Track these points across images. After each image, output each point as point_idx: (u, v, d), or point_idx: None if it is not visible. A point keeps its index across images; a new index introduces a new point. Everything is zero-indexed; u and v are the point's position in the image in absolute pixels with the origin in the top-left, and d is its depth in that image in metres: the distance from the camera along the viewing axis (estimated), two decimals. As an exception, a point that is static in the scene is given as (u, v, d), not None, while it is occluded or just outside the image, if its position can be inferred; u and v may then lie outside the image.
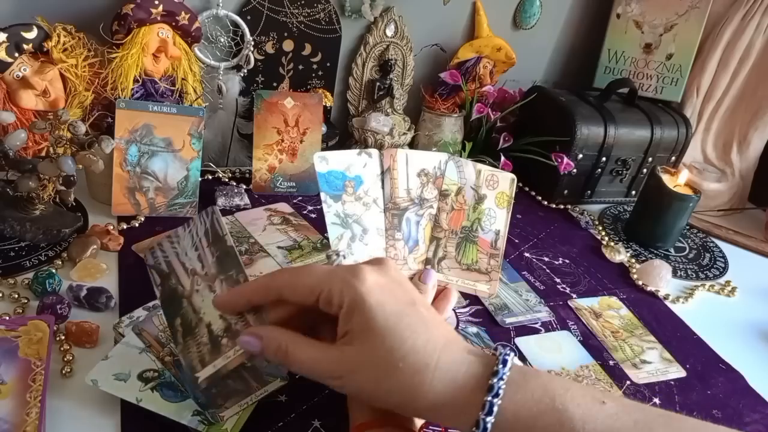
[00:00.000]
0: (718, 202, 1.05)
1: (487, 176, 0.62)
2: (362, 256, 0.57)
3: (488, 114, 0.98)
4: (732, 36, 1.02)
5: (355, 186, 0.58)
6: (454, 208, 0.61)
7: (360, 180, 0.59)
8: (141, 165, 0.74)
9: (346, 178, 0.58)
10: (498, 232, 0.62)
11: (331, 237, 0.57)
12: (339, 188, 0.58)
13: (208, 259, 0.50)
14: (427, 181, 0.60)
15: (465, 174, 0.62)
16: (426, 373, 0.38)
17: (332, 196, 0.57)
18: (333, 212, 0.57)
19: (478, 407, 0.37)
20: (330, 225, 0.57)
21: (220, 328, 0.47)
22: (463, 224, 0.61)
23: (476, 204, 0.62)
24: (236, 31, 0.87)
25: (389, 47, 0.96)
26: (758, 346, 0.75)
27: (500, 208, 0.62)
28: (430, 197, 0.60)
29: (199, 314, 0.48)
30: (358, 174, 0.58)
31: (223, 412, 0.49)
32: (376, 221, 0.58)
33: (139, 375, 0.50)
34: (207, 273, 0.49)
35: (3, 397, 0.45)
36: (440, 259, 0.61)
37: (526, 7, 1.05)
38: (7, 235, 0.67)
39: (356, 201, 0.58)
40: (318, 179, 0.57)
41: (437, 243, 0.61)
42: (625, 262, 0.86)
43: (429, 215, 0.60)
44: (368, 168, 0.59)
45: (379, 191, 0.59)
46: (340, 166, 0.58)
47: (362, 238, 0.57)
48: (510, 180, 0.64)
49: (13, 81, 0.69)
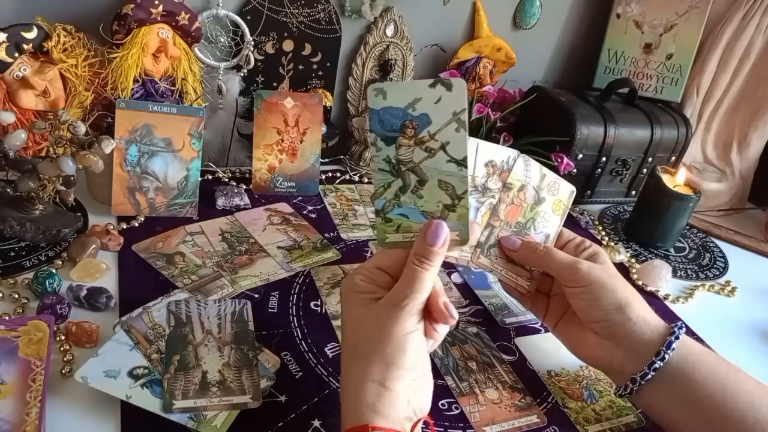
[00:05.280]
0: (718, 202, 1.05)
1: (550, 181, 0.63)
2: (412, 211, 0.50)
3: (488, 114, 0.98)
4: (732, 36, 1.02)
5: (418, 127, 0.49)
6: (514, 203, 0.61)
7: (426, 119, 0.49)
8: (141, 165, 0.74)
9: (408, 117, 0.49)
10: (548, 236, 0.63)
11: (376, 185, 0.50)
12: (395, 129, 0.49)
13: (227, 329, 0.57)
14: (493, 172, 0.60)
15: (530, 174, 0.62)
16: (633, 306, 0.55)
17: (384, 138, 0.49)
18: (383, 157, 0.50)
19: (664, 336, 0.54)
20: (377, 171, 0.50)
21: (215, 379, 0.52)
22: (518, 219, 0.62)
23: (534, 204, 0.62)
24: (236, 31, 0.86)
25: (389, 47, 0.96)
26: (758, 346, 0.75)
27: (555, 215, 0.63)
28: (493, 188, 0.60)
29: (200, 362, 0.53)
30: (425, 112, 0.49)
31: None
32: (444, 170, 0.50)
33: (129, 372, 0.51)
34: (221, 338, 0.56)
35: (3, 397, 0.45)
36: (490, 246, 0.61)
37: (526, 7, 1.04)
38: (7, 235, 0.67)
39: (417, 145, 0.49)
40: (370, 117, 0.49)
41: (491, 230, 0.61)
42: (625, 262, 0.86)
43: (489, 204, 0.60)
44: (442, 104, 0.48)
45: (453, 134, 0.49)
46: (402, 101, 0.49)
47: (417, 190, 0.50)
48: (570, 191, 0.64)
49: (13, 81, 0.69)
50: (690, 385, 0.52)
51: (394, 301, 0.47)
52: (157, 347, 0.53)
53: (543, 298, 0.64)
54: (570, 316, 0.60)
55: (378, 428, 0.43)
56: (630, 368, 0.54)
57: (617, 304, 0.55)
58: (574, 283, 0.57)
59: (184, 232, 0.74)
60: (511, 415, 0.57)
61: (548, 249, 0.60)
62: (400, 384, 0.45)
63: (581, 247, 0.61)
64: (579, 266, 0.56)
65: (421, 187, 0.50)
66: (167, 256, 0.69)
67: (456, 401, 0.57)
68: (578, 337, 0.59)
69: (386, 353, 0.46)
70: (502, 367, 0.62)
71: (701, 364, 0.53)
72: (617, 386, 0.56)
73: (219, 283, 0.66)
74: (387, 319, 0.46)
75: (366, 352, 0.46)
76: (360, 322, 0.48)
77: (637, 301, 0.56)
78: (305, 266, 0.72)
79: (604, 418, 0.59)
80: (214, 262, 0.69)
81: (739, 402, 0.51)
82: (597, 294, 0.55)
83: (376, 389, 0.45)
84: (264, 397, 0.51)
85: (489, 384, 0.60)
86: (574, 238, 0.63)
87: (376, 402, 0.44)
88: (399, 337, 0.46)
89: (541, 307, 0.64)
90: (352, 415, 0.45)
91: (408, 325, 0.46)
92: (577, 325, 0.59)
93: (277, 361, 0.56)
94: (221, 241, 0.73)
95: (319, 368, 0.58)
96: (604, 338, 0.56)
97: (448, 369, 0.61)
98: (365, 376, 0.45)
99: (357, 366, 0.46)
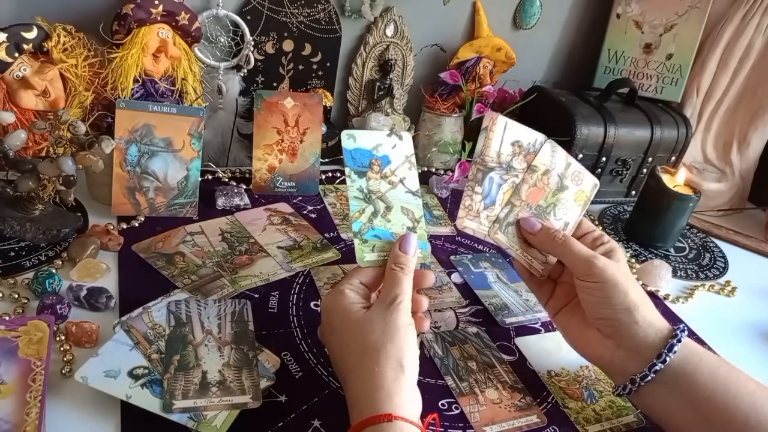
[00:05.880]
0: (718, 202, 1.05)
1: (574, 171, 0.64)
2: (383, 233, 0.58)
3: (488, 114, 0.98)
4: (732, 36, 1.02)
5: (381, 164, 0.59)
6: (537, 185, 0.62)
7: (387, 160, 0.59)
8: (141, 165, 0.74)
9: (373, 156, 0.59)
10: (567, 224, 0.63)
11: (352, 210, 0.57)
12: (365, 165, 0.58)
13: (227, 329, 0.58)
14: (519, 152, 0.61)
15: (556, 160, 0.63)
16: (641, 310, 0.55)
17: (357, 172, 0.58)
18: (356, 187, 0.57)
19: (666, 338, 0.54)
20: (352, 198, 0.57)
21: (215, 379, 0.52)
22: (539, 203, 0.62)
23: (557, 190, 0.63)
24: (236, 31, 0.87)
25: (389, 47, 0.96)
26: (758, 346, 0.75)
27: (576, 205, 0.64)
28: (518, 167, 0.61)
29: (200, 362, 0.53)
30: (385, 154, 0.59)
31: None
32: (403, 200, 0.59)
33: (129, 372, 0.51)
34: (221, 338, 0.56)
35: (3, 397, 0.45)
36: (509, 224, 0.61)
37: (526, 7, 1.05)
38: (7, 235, 0.67)
39: (382, 179, 0.58)
40: (344, 155, 0.57)
41: (511, 208, 0.61)
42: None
43: (512, 182, 0.61)
44: (397, 149, 0.60)
45: (408, 172, 0.60)
46: (367, 144, 0.58)
47: (385, 215, 0.58)
48: (593, 184, 0.65)
49: (13, 81, 0.69)
50: (691, 387, 0.52)
51: (390, 301, 0.51)
52: (157, 347, 0.53)
53: (549, 283, 0.64)
54: (573, 308, 0.60)
55: (400, 418, 0.44)
56: (630, 368, 0.54)
57: (627, 305, 0.55)
58: (587, 277, 0.56)
59: (184, 232, 0.74)
60: (511, 415, 0.57)
61: (567, 238, 0.59)
62: (412, 369, 0.49)
63: (599, 241, 0.61)
64: (595, 261, 0.56)
65: (389, 212, 0.58)
66: (167, 256, 0.69)
67: (456, 401, 0.57)
68: (579, 331, 0.59)
69: (398, 340, 0.49)
70: (502, 367, 0.62)
71: (703, 366, 0.53)
72: (616, 385, 0.56)
73: (219, 283, 0.66)
74: (390, 315, 0.50)
75: (380, 343, 0.49)
76: (365, 323, 0.51)
77: (646, 304, 0.56)
78: (305, 266, 0.72)
79: (604, 418, 0.59)
80: (214, 262, 0.69)
81: (741, 403, 0.50)
82: (609, 292, 0.55)
83: (395, 376, 0.47)
84: (264, 397, 0.51)
85: (489, 384, 0.60)
86: (593, 230, 0.63)
87: (396, 389, 0.46)
88: (403, 327, 0.50)
89: (546, 291, 0.63)
90: (366, 402, 0.46)
91: (406, 319, 0.51)
92: (580, 318, 0.59)
93: (277, 361, 0.56)
94: (221, 241, 0.73)
95: (319, 368, 0.58)
96: (607, 337, 0.56)
97: (448, 369, 0.61)
98: (383, 364, 0.47)
99: (371, 357, 0.48)
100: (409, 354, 0.49)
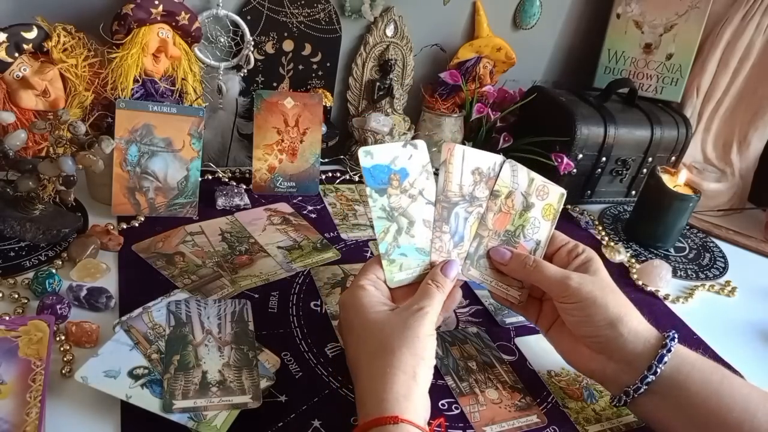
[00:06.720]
0: (718, 202, 1.05)
1: (538, 186, 0.63)
2: (409, 249, 0.58)
3: (488, 114, 0.98)
4: (732, 36, 1.02)
5: (400, 178, 0.58)
6: (502, 210, 0.61)
7: (405, 172, 0.58)
8: (141, 165, 0.74)
9: (392, 171, 0.58)
10: (539, 242, 0.62)
11: (377, 231, 0.57)
12: (384, 182, 0.57)
13: (227, 329, 0.58)
14: (480, 180, 0.61)
15: (518, 179, 0.62)
16: (625, 322, 0.54)
17: (377, 190, 0.57)
18: (379, 206, 0.57)
19: (656, 348, 0.53)
20: (376, 219, 0.57)
21: (215, 379, 0.52)
22: (507, 228, 0.61)
23: (523, 211, 0.62)
24: (236, 31, 0.87)
25: (389, 47, 0.96)
26: (758, 346, 0.75)
27: (545, 220, 0.63)
28: (481, 196, 0.61)
29: (200, 362, 0.53)
30: (403, 167, 0.58)
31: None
32: (423, 212, 0.59)
33: (129, 372, 0.51)
34: (221, 338, 0.56)
35: (3, 397, 0.45)
36: (480, 257, 0.61)
37: (526, 7, 1.04)
38: (7, 235, 0.67)
39: (402, 193, 0.58)
40: (363, 174, 0.57)
41: (480, 240, 0.61)
42: (625, 262, 0.86)
43: (477, 213, 0.61)
44: (413, 160, 0.59)
45: (425, 182, 0.59)
46: (385, 159, 0.58)
47: (408, 230, 0.58)
48: (560, 194, 0.64)
49: (13, 81, 0.69)
50: (684, 395, 0.52)
51: (417, 308, 0.52)
52: (157, 347, 0.53)
53: (535, 303, 0.63)
54: (562, 324, 0.59)
55: (406, 421, 0.44)
56: (624, 379, 0.54)
57: (609, 320, 0.54)
58: (564, 299, 0.56)
59: (184, 232, 0.74)
60: (511, 415, 0.57)
61: (538, 263, 0.58)
62: (425, 379, 0.48)
63: (574, 252, 0.60)
64: (569, 282, 0.55)
65: (411, 227, 0.58)
66: (167, 256, 0.69)
67: (456, 401, 0.57)
68: (570, 347, 0.59)
69: (416, 348, 0.49)
70: (502, 367, 0.62)
71: (695, 373, 0.53)
72: (611, 396, 0.56)
73: (219, 283, 0.66)
74: (413, 321, 0.50)
75: (396, 345, 0.49)
76: (385, 324, 0.51)
77: (630, 314, 0.55)
78: (305, 266, 0.72)
79: (604, 418, 0.59)
80: (214, 262, 0.69)
81: (735, 409, 0.50)
82: (588, 310, 0.55)
83: (406, 380, 0.47)
84: (264, 397, 0.51)
85: (489, 384, 0.60)
86: (567, 242, 0.62)
87: (406, 393, 0.46)
88: (424, 337, 0.50)
89: (533, 312, 0.62)
90: (374, 403, 0.46)
91: (429, 328, 0.51)
92: (569, 333, 0.58)
93: (277, 361, 0.56)
94: (221, 241, 0.73)
95: (319, 368, 0.58)
96: (597, 352, 0.56)
97: (448, 369, 0.61)
98: (396, 366, 0.47)
99: (385, 358, 0.48)
100: (425, 363, 0.49)
